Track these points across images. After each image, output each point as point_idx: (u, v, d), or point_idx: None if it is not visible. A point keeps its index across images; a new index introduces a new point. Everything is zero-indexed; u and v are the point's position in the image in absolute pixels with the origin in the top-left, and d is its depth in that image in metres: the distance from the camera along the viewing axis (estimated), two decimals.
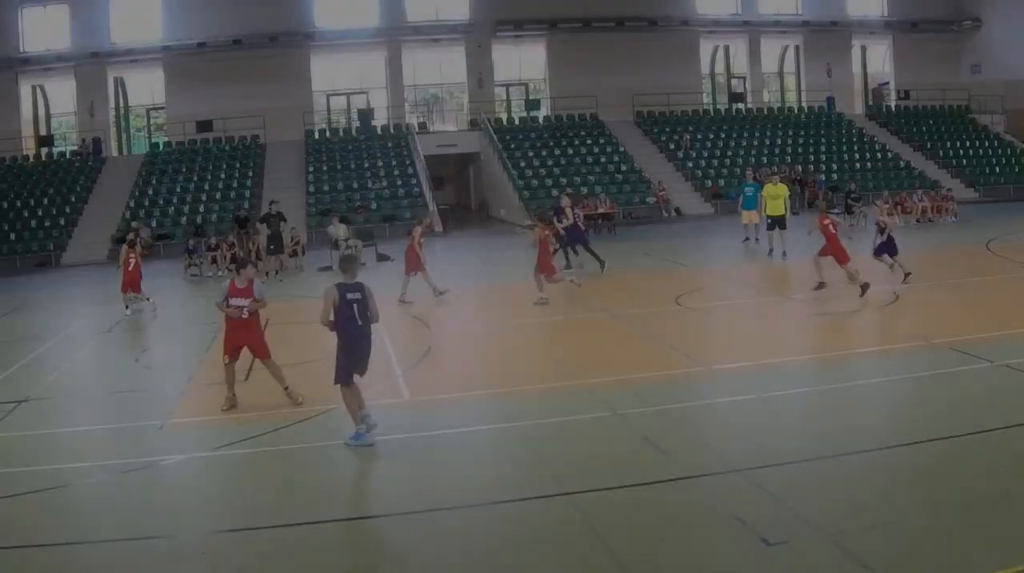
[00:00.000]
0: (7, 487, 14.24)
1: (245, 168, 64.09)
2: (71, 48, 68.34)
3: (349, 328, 15.55)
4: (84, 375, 23.23)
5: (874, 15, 78.70)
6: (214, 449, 15.78)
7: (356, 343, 15.65)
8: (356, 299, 15.51)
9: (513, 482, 13.46)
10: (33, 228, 57.37)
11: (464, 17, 71.23)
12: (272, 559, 11.46)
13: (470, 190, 74.84)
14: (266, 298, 19.02)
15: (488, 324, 27.07)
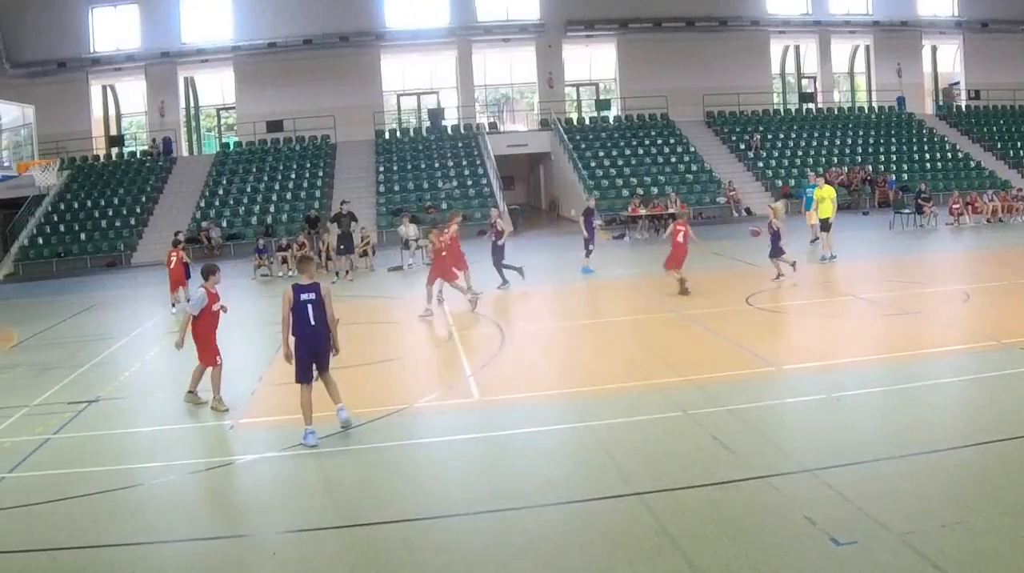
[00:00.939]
0: (78, 487, 14.40)
1: (315, 168, 64.42)
2: (141, 48, 69.24)
3: (301, 327, 16.06)
4: (154, 375, 23.40)
5: (944, 15, 78.17)
6: (284, 449, 15.85)
7: (308, 342, 16.09)
8: (310, 300, 16.08)
9: (583, 482, 13.41)
10: (103, 228, 58.03)
11: (535, 17, 71.34)
12: (341, 560, 11.46)
13: (540, 190, 74.82)
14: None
15: (557, 324, 27.01)
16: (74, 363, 24.69)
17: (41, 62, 68.03)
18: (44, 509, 13.74)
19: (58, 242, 57.03)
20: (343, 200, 45.42)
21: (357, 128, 67.72)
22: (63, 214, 60.12)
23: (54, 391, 21.56)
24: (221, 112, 76.52)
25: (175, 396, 20.21)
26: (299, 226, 50.43)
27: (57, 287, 45.24)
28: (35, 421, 18.91)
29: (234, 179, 63.52)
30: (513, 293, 31.07)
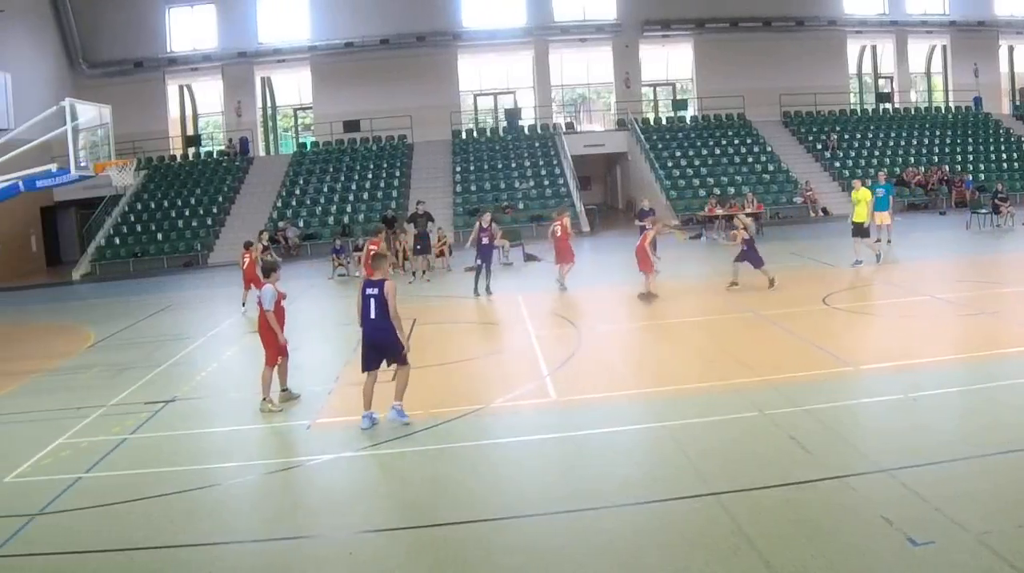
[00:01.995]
0: (155, 487, 14.53)
1: (392, 168, 64.65)
2: (218, 48, 69.83)
3: (364, 320, 16.98)
4: (231, 375, 23.53)
5: (1021, 15, 77.06)
6: (361, 449, 15.93)
7: (367, 334, 16.97)
8: (373, 294, 16.80)
9: (660, 482, 13.38)
10: (180, 228, 58.61)
11: (611, 17, 71.23)
12: (418, 560, 11.51)
13: (617, 190, 74.69)
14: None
15: (633, 324, 26.97)
16: (151, 363, 24.92)
17: (118, 62, 68.70)
18: (121, 509, 13.88)
19: (135, 242, 57.67)
20: (419, 200, 45.56)
21: (434, 128, 67.86)
22: (140, 214, 60.81)
23: (131, 391, 21.76)
24: (298, 112, 77.01)
25: (252, 396, 20.33)
26: (376, 226, 50.55)
27: (133, 287, 45.75)
28: (112, 421, 19.09)
29: (311, 179, 63.86)
30: (590, 293, 30.97)
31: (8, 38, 58.35)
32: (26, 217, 59.79)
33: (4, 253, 56.25)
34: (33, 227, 61.92)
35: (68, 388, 22.95)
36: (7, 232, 56.53)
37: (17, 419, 20.29)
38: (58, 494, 14.53)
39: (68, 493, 14.61)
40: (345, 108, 68.76)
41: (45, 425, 19.14)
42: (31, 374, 25.07)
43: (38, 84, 60.16)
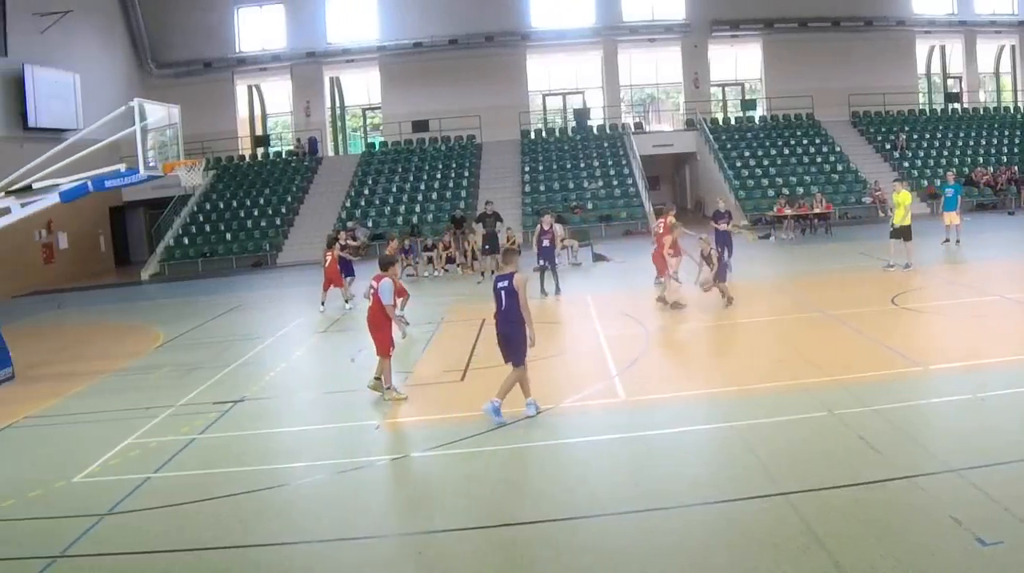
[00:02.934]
0: (224, 487, 14.60)
1: (461, 168, 64.79)
2: (287, 48, 70.30)
3: (496, 312, 17.46)
4: (300, 375, 23.69)
5: None
6: (430, 449, 15.94)
7: (498, 326, 17.49)
8: (504, 287, 17.26)
9: (729, 482, 13.34)
10: (249, 228, 59.03)
11: (680, 17, 71.06)
12: (487, 559, 11.51)
13: (686, 190, 74.48)
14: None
15: (702, 324, 26.84)
16: (219, 363, 25.07)
17: (187, 62, 69.36)
18: (190, 509, 13.95)
19: (203, 242, 58.19)
20: (488, 200, 45.62)
21: (503, 128, 67.93)
22: (208, 214, 61.38)
23: (199, 391, 21.89)
24: (366, 112, 77.29)
25: (321, 396, 20.44)
26: (444, 226, 50.64)
27: (202, 287, 46.11)
28: (181, 421, 19.22)
29: (379, 179, 64.11)
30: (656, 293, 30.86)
31: (77, 39, 59.04)
32: (95, 217, 60.45)
33: (73, 253, 56.86)
34: (102, 227, 62.65)
35: (137, 388, 23.13)
36: (76, 232, 57.23)
37: (86, 419, 20.46)
38: (127, 494, 14.62)
39: (137, 493, 14.69)
40: (414, 108, 69.01)
41: (114, 425, 19.29)
42: (100, 374, 25.29)
43: (107, 85, 60.90)
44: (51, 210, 29.57)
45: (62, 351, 30.42)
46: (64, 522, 13.71)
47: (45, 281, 52.89)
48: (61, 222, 54.20)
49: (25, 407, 21.73)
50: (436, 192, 61.93)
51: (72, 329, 35.83)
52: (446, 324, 28.74)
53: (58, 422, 20.52)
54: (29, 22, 53.76)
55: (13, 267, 47.84)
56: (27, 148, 43.50)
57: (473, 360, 22.72)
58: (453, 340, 26.19)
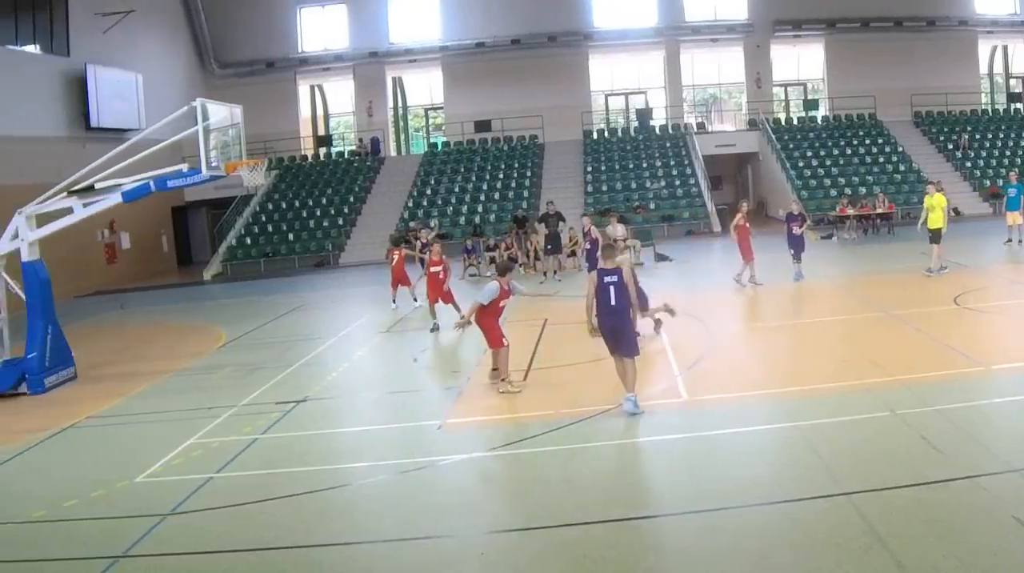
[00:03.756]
0: (286, 487, 14.68)
1: (523, 168, 64.73)
2: (349, 48, 70.49)
3: (603, 307, 17.49)
4: (362, 375, 23.75)
5: None
6: (492, 449, 15.99)
7: (608, 321, 17.48)
8: (612, 282, 17.43)
9: (791, 482, 13.32)
10: (311, 228, 59.23)
11: (742, 17, 70.71)
12: (549, 560, 11.53)
13: (748, 190, 74.17)
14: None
15: (764, 323, 26.87)
16: (282, 363, 25.19)
17: (249, 62, 69.74)
18: (252, 509, 14.03)
19: (266, 242, 58.47)
20: (549, 201, 45.70)
21: (565, 128, 67.77)
22: (271, 214, 61.66)
23: (262, 391, 22.02)
24: (429, 112, 77.45)
25: (383, 396, 20.52)
26: (507, 226, 50.63)
27: (264, 287, 46.28)
28: (243, 421, 19.34)
29: (442, 179, 64.16)
30: (721, 292, 30.74)
31: (140, 39, 59.52)
32: (157, 217, 60.92)
33: (136, 253, 57.31)
34: (164, 227, 63.10)
35: (199, 388, 23.30)
36: (139, 232, 57.67)
37: (149, 419, 20.61)
38: (189, 494, 14.73)
39: (199, 493, 14.80)
40: (476, 108, 69.08)
41: (176, 425, 19.44)
42: (163, 374, 25.48)
43: (169, 84, 61.36)
44: (113, 210, 29.77)
45: (124, 351, 30.66)
46: (126, 522, 13.81)
47: (107, 281, 53.36)
48: (124, 222, 54.68)
49: (87, 407, 21.94)
50: (498, 192, 61.97)
51: (134, 329, 36.11)
52: (508, 324, 28.65)
53: (120, 422, 20.70)
54: (91, 22, 54.29)
55: (76, 267, 48.12)
56: (89, 148, 43.92)
57: (535, 360, 22.75)
58: (515, 340, 26.09)
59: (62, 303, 31.97)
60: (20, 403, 23.62)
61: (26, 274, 25.01)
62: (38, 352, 24.48)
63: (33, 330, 24.77)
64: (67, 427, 20.26)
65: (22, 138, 46.67)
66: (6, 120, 45.42)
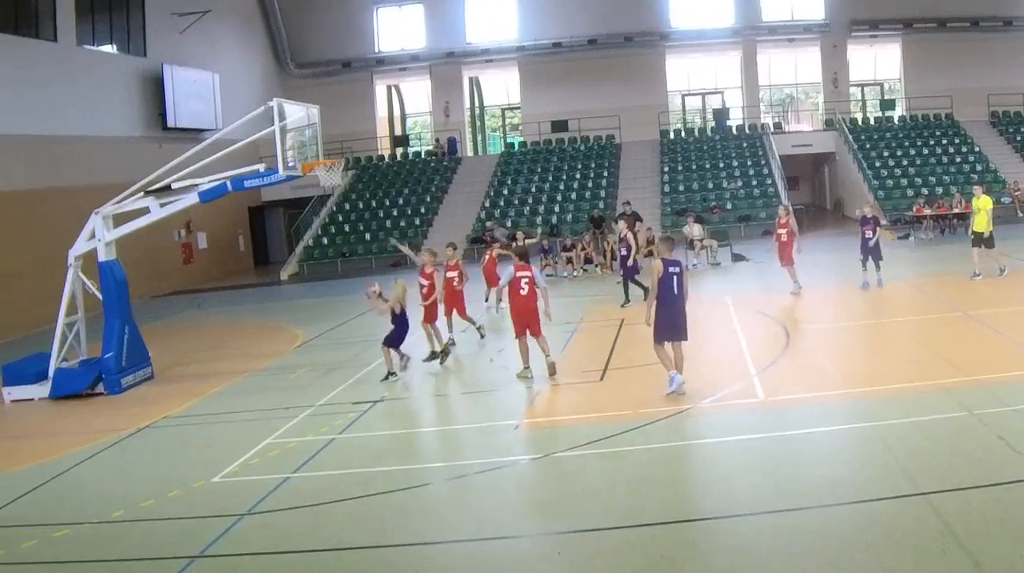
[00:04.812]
0: (363, 486, 14.75)
1: (600, 168, 64.58)
2: (426, 48, 70.67)
3: (667, 295, 18.52)
4: (439, 375, 23.71)
5: None
6: (569, 449, 15.94)
7: (671, 309, 18.56)
8: (676, 272, 18.66)
9: (867, 482, 13.24)
10: (388, 228, 59.15)
11: (819, 17, 70.30)
12: (625, 559, 11.48)
13: (825, 190, 73.77)
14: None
15: (841, 324, 26.60)
16: (359, 363, 25.26)
17: (326, 62, 70.16)
18: (329, 509, 14.10)
19: (343, 242, 58.69)
20: (626, 201, 45.64)
21: (642, 128, 67.60)
22: (348, 214, 61.92)
23: (339, 391, 22.14)
24: (505, 112, 77.56)
25: (460, 396, 20.57)
26: (584, 226, 50.56)
27: (341, 287, 46.34)
28: (320, 421, 19.45)
29: (519, 179, 64.20)
30: (797, 293, 30.57)
31: (217, 39, 59.99)
32: (234, 217, 61.43)
33: (213, 253, 57.78)
34: (241, 227, 63.60)
35: (276, 388, 23.45)
36: (216, 232, 58.17)
37: (226, 419, 20.79)
38: (266, 494, 14.83)
39: (276, 493, 14.90)
40: (553, 108, 69.05)
41: (253, 425, 19.60)
42: (240, 374, 25.70)
43: (246, 84, 61.88)
44: (190, 210, 30.07)
45: (201, 351, 30.92)
46: (203, 522, 13.93)
47: (184, 281, 53.87)
48: (200, 222, 55.14)
49: (165, 407, 22.17)
50: (575, 192, 61.81)
51: (211, 329, 36.41)
52: (585, 324, 28.70)
53: (197, 422, 20.88)
54: (168, 22, 54.79)
55: (153, 267, 48.58)
56: (166, 148, 44.31)
57: (612, 360, 22.71)
58: (592, 340, 26.16)
59: (139, 303, 32.30)
60: (97, 403, 23.91)
61: (103, 274, 25.25)
62: (115, 352, 24.75)
63: (110, 330, 25.04)
64: (144, 427, 20.48)
65: (99, 138, 47.14)
66: (83, 120, 45.88)
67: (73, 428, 21.39)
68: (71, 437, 20.24)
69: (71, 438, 20.13)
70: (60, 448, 19.27)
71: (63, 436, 20.58)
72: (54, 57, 44.26)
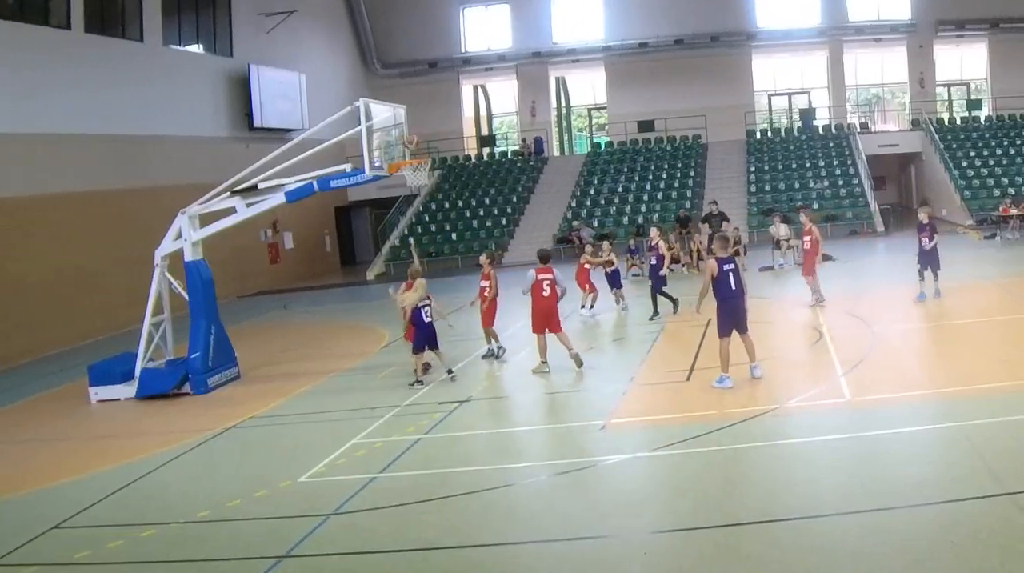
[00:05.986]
0: (449, 486, 14.77)
1: (687, 168, 64.47)
2: (513, 48, 70.80)
3: (724, 292, 19.79)
4: (525, 375, 23.64)
5: None
6: (655, 449, 15.93)
7: (729, 304, 19.82)
8: (731, 269, 19.92)
9: (954, 482, 13.11)
10: (475, 228, 59.61)
11: (906, 17, 69.77)
12: (712, 560, 11.46)
13: (911, 190, 73.18)
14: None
15: (927, 323, 26.52)
16: (444, 363, 25.20)
17: (412, 62, 70.48)
18: (415, 509, 14.12)
19: (429, 242, 58.83)
20: (713, 200, 45.54)
21: (728, 128, 67.46)
22: (434, 214, 62.18)
23: (425, 391, 22.20)
24: (592, 112, 77.51)
25: (545, 396, 20.53)
26: (670, 226, 50.42)
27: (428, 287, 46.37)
28: (406, 421, 19.51)
29: (605, 179, 64.17)
30: (883, 293, 30.22)
31: (303, 39, 60.40)
32: (320, 217, 61.85)
33: (299, 253, 58.14)
34: (327, 227, 64.03)
35: (363, 388, 23.59)
36: (302, 232, 58.61)
37: (312, 418, 20.91)
38: (352, 494, 14.90)
39: (362, 493, 14.96)
40: (639, 108, 68.97)
41: (340, 425, 19.71)
42: (326, 374, 25.87)
43: (332, 84, 62.23)
44: (277, 210, 30.32)
45: (287, 351, 31.14)
46: (290, 522, 14.01)
47: (271, 281, 54.33)
48: (287, 222, 55.59)
49: (251, 407, 22.34)
50: (661, 192, 61.79)
51: (297, 329, 36.64)
52: (671, 324, 28.61)
53: (284, 422, 21.03)
54: (254, 23, 55.33)
55: (239, 267, 49.03)
56: (252, 148, 44.63)
57: (698, 360, 22.59)
58: (678, 340, 26.11)
59: (225, 303, 32.56)
60: (183, 403, 24.13)
61: (189, 274, 25.46)
62: (201, 352, 24.96)
63: (196, 330, 25.27)
64: (230, 427, 20.66)
65: (185, 138, 47.71)
66: (169, 120, 46.37)
67: (159, 428, 21.62)
68: (157, 437, 20.46)
69: (157, 438, 20.35)
70: (146, 448, 19.48)
71: (149, 436, 20.79)
72: (140, 57, 44.86)
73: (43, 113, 37.60)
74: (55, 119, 38.28)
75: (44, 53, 37.94)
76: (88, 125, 40.23)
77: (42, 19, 38.66)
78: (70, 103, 39.19)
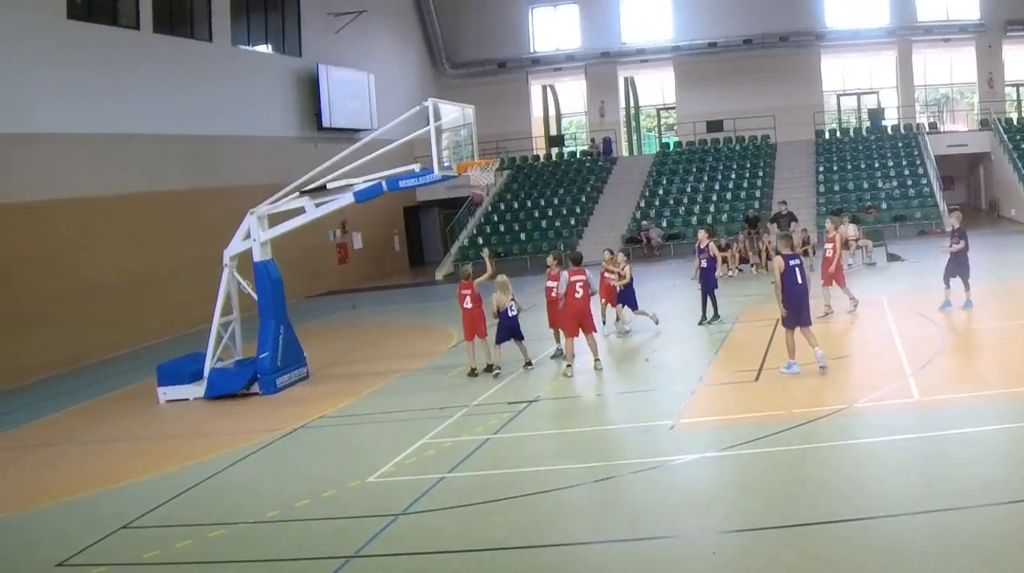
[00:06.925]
0: (518, 486, 14.82)
1: (755, 168, 64.15)
2: (581, 48, 70.82)
3: (790, 286, 20.75)
4: (593, 375, 23.59)
5: None
6: (724, 449, 15.93)
7: (795, 297, 20.79)
8: (797, 265, 20.92)
9: (1023, 482, 13.03)
10: (543, 228, 59.54)
11: (975, 17, 69.30)
12: (780, 559, 11.43)
13: (980, 190, 72.63)
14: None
15: (996, 323, 26.12)
16: (514, 363, 25.25)
17: (480, 62, 70.64)
18: (484, 509, 14.18)
19: (497, 242, 58.82)
20: (782, 200, 45.32)
21: (797, 128, 67.17)
22: (503, 214, 62.20)
23: (494, 391, 22.28)
24: (661, 112, 77.40)
25: (614, 396, 20.57)
26: (739, 226, 50.24)
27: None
28: (475, 421, 19.56)
29: (674, 179, 64.00)
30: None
31: (372, 40, 60.69)
32: (389, 217, 62.04)
33: (368, 253, 58.34)
34: (396, 227, 64.22)
35: (431, 388, 23.65)
36: (371, 232, 58.84)
37: (381, 418, 21.01)
38: (421, 494, 14.95)
39: (431, 493, 15.01)
40: (707, 108, 68.85)
41: (408, 425, 19.79)
42: (394, 374, 25.97)
43: (401, 84, 62.46)
44: (346, 210, 30.37)
45: (356, 351, 31.29)
46: (358, 522, 14.10)
47: (340, 281, 54.54)
48: (356, 222, 55.83)
49: (319, 407, 22.47)
50: (730, 192, 61.57)
51: (366, 329, 36.80)
52: (739, 324, 28.51)
53: (352, 422, 21.15)
54: (323, 23, 55.59)
55: (308, 267, 49.25)
56: (321, 148, 44.93)
57: (767, 360, 22.53)
58: (747, 341, 26.01)
59: (294, 303, 32.73)
60: (252, 403, 24.33)
61: (258, 274, 25.60)
62: (270, 352, 25.11)
63: (265, 330, 25.42)
64: (299, 427, 20.79)
65: (254, 138, 48.01)
66: (238, 120, 46.73)
67: (228, 428, 21.81)
68: (226, 437, 20.65)
69: (226, 438, 20.53)
70: (215, 448, 19.66)
71: (218, 436, 20.98)
72: (209, 57, 45.27)
73: (113, 113, 37.93)
74: (125, 119, 38.59)
75: (113, 53, 38.31)
76: (158, 125, 40.54)
77: (111, 19, 39.03)
78: (140, 103, 39.50)
